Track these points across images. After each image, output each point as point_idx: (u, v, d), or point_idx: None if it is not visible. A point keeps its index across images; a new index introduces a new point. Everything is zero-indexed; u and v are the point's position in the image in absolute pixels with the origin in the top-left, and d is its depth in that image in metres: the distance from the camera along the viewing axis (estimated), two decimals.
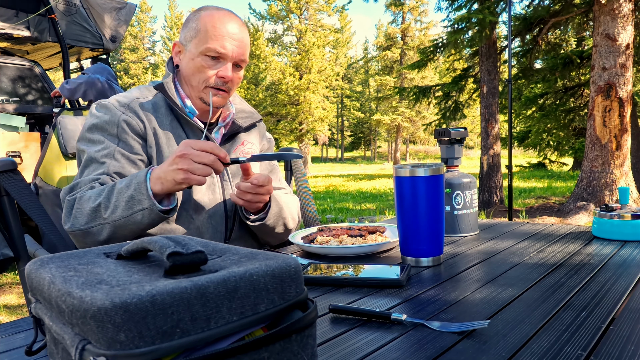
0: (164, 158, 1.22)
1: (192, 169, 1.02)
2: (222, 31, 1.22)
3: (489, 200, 7.54)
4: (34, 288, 0.46)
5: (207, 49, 1.21)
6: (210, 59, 1.23)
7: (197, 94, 1.27)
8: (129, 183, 1.07)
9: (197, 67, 1.23)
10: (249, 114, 1.43)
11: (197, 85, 1.25)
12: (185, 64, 1.27)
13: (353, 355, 0.57)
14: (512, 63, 7.11)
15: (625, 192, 1.20)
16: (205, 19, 1.23)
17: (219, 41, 1.21)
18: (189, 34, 1.26)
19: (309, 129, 24.89)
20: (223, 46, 1.22)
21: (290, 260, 0.46)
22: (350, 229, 1.20)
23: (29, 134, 3.58)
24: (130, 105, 1.23)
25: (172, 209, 1.11)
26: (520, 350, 0.56)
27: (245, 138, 1.40)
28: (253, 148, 1.42)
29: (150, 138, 1.22)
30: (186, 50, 1.27)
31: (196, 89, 1.26)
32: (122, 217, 1.06)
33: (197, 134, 1.28)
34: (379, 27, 38.69)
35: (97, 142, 1.20)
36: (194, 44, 1.24)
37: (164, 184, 1.05)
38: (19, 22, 4.73)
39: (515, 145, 14.76)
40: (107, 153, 1.18)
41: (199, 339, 0.37)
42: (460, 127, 1.32)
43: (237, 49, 1.24)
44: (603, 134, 6.02)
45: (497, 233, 1.31)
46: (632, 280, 0.82)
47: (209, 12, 1.25)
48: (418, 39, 31.09)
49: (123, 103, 1.23)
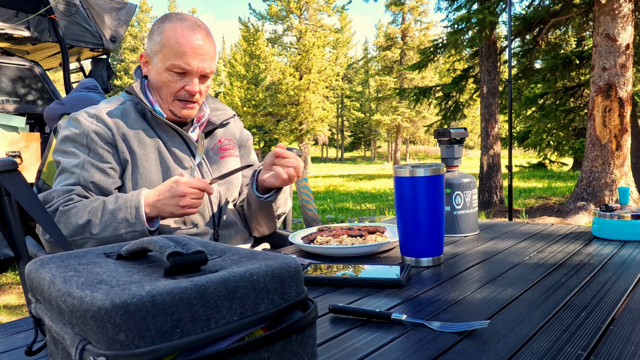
0: (138, 160, 1.24)
1: (192, 204, 1.13)
2: (185, 47, 1.21)
3: (489, 200, 7.54)
4: (34, 288, 0.46)
5: (172, 66, 1.22)
6: (176, 74, 1.24)
7: (166, 106, 1.29)
8: (122, 206, 1.13)
9: (164, 81, 1.25)
10: (222, 111, 1.45)
11: (165, 97, 1.27)
12: (153, 76, 1.28)
13: (353, 355, 0.57)
14: (512, 63, 7.11)
15: (625, 192, 1.20)
16: (168, 33, 1.23)
17: (182, 58, 1.22)
18: (154, 47, 1.26)
19: (309, 129, 24.89)
20: (187, 63, 1.22)
21: (290, 260, 0.46)
22: (350, 229, 1.20)
23: (29, 134, 3.58)
24: (98, 115, 1.25)
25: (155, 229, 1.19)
26: (520, 350, 0.56)
27: (222, 135, 1.42)
28: (230, 144, 1.43)
29: (120, 144, 1.24)
30: (152, 63, 1.27)
31: (165, 101, 1.28)
32: (111, 235, 1.13)
33: (169, 132, 1.30)
34: (379, 27, 38.68)
35: (69, 153, 1.24)
36: (159, 59, 1.25)
37: (160, 214, 1.14)
38: (19, 22, 4.73)
39: (515, 145, 14.76)
40: (78, 163, 1.21)
41: (199, 339, 0.37)
42: (460, 127, 1.32)
43: (201, 63, 1.24)
44: (603, 134, 6.02)
45: (497, 233, 1.31)
46: (632, 280, 0.82)
47: (172, 25, 1.24)
48: (418, 39, 31.09)
49: (91, 114, 1.26)
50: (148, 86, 1.33)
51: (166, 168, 1.27)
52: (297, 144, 25.53)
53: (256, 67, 26.00)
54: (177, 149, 1.29)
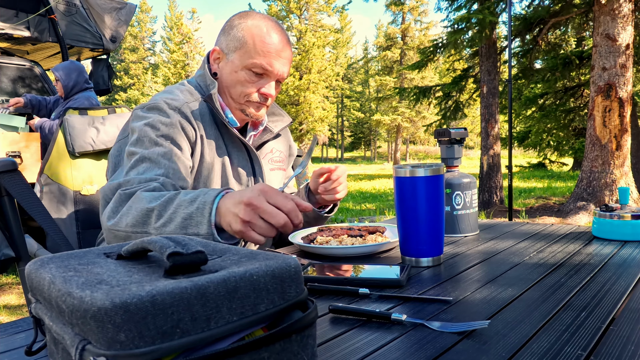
0: (203, 169, 1.18)
1: (254, 224, 0.87)
2: (269, 47, 1.16)
3: (489, 200, 7.54)
4: (34, 288, 0.46)
5: (253, 65, 1.16)
6: (254, 75, 1.18)
7: (237, 106, 1.23)
8: (194, 198, 0.94)
9: (240, 81, 1.18)
10: (279, 117, 1.38)
11: (237, 98, 1.21)
12: (227, 74, 1.21)
13: (353, 355, 0.57)
14: (512, 63, 7.10)
15: (625, 192, 1.20)
16: (252, 31, 1.16)
17: (266, 58, 1.16)
18: (232, 43, 1.19)
19: (309, 129, 24.89)
20: (270, 64, 1.16)
21: (290, 260, 0.46)
22: (350, 229, 1.20)
23: (29, 134, 3.58)
24: (182, 110, 1.16)
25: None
26: (520, 350, 0.56)
27: (274, 146, 1.37)
28: (281, 156, 1.39)
29: (197, 146, 1.17)
30: (227, 60, 1.20)
31: (236, 102, 1.22)
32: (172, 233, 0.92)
33: (236, 144, 1.25)
34: (379, 27, 38.69)
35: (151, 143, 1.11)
36: (237, 56, 1.18)
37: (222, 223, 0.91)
38: (19, 22, 4.73)
39: (515, 145, 14.76)
40: (164, 153, 1.09)
41: (199, 339, 0.37)
42: (460, 127, 1.32)
43: (282, 67, 1.19)
44: (603, 134, 6.02)
45: (497, 233, 1.31)
46: (632, 280, 0.82)
47: (256, 23, 1.18)
48: (418, 39, 31.10)
49: (173, 106, 1.16)
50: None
51: (225, 183, 1.22)
52: (298, 144, 25.54)
53: None
54: (240, 166, 1.24)
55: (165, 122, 1.12)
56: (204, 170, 1.18)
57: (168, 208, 0.94)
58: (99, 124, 1.84)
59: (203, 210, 0.90)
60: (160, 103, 1.16)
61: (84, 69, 3.86)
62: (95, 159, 1.82)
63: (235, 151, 1.25)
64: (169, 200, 0.95)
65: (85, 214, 1.71)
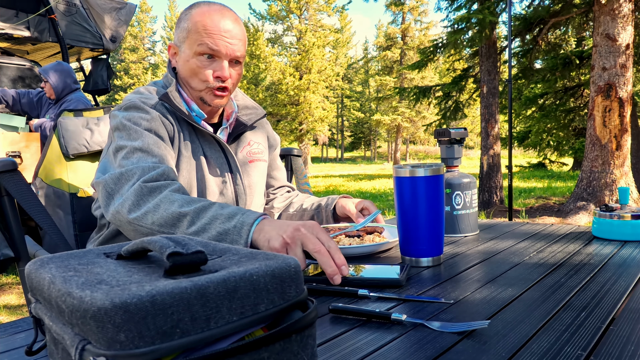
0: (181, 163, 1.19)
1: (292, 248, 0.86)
2: (213, 29, 1.17)
3: (489, 200, 7.54)
4: (34, 288, 0.46)
5: (200, 48, 1.17)
6: (205, 59, 1.19)
7: (197, 95, 1.24)
8: (232, 215, 0.94)
9: (193, 68, 1.20)
10: (253, 110, 1.39)
11: (196, 86, 1.22)
12: (182, 65, 1.23)
13: (353, 355, 0.57)
14: (512, 63, 7.11)
15: (625, 192, 1.20)
16: (195, 18, 1.19)
17: (210, 38, 1.17)
18: (181, 34, 1.22)
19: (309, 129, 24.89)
20: (216, 44, 1.17)
21: (290, 260, 0.46)
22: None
23: (29, 134, 3.57)
24: (157, 107, 1.19)
25: None
26: (520, 350, 0.56)
27: (252, 138, 1.38)
28: (260, 148, 1.39)
29: (175, 140, 1.19)
30: (180, 52, 1.23)
31: (196, 90, 1.23)
32: None
33: (207, 139, 1.26)
34: (379, 27, 38.69)
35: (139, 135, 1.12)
36: (187, 45, 1.20)
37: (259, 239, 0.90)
38: (19, 22, 4.73)
39: (515, 145, 14.76)
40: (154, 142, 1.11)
41: (199, 339, 0.37)
42: (460, 127, 1.32)
43: (231, 46, 1.19)
44: (603, 134, 6.02)
45: (497, 233, 1.31)
46: (632, 280, 0.82)
47: (199, 10, 1.20)
48: (418, 39, 31.10)
49: (149, 104, 1.19)
50: (179, 82, 1.27)
51: (201, 178, 1.22)
52: (297, 144, 25.54)
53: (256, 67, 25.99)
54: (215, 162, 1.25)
55: (146, 118, 1.15)
56: (182, 165, 1.20)
57: (202, 217, 0.95)
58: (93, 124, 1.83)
59: (241, 231, 0.91)
60: (136, 102, 1.18)
61: (72, 70, 3.86)
62: (91, 161, 1.81)
63: (209, 146, 1.26)
64: (202, 209, 0.96)
65: (82, 216, 1.70)
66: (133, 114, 1.16)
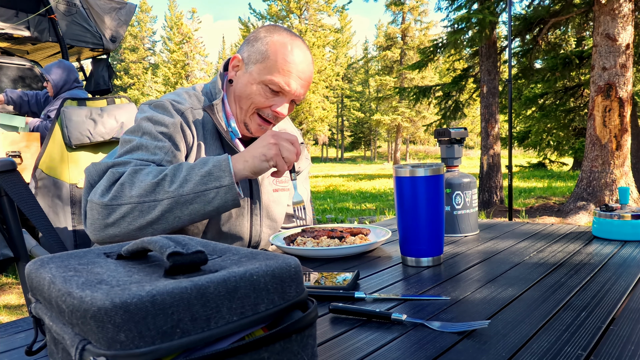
0: None
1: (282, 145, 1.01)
2: (291, 67, 1.14)
3: (489, 200, 7.54)
4: (34, 288, 0.46)
5: (271, 81, 1.13)
6: (270, 91, 1.15)
7: (242, 117, 1.20)
8: (205, 162, 1.01)
9: (253, 93, 1.16)
10: None
11: (246, 109, 1.18)
12: (242, 84, 1.18)
13: (353, 355, 0.57)
14: (512, 63, 7.11)
15: (625, 192, 1.20)
16: (276, 46, 1.14)
17: (285, 77, 1.13)
18: (254, 55, 1.16)
19: (309, 129, 24.88)
20: (288, 83, 1.14)
21: (290, 260, 0.46)
22: (333, 230, 1.18)
23: (29, 134, 3.57)
24: (185, 114, 1.16)
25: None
26: (520, 350, 0.56)
27: None
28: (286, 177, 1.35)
29: (193, 152, 1.15)
30: (246, 70, 1.18)
31: (243, 112, 1.19)
32: (191, 192, 0.97)
33: None
34: (379, 27, 38.69)
35: (150, 135, 1.11)
36: (257, 69, 1.15)
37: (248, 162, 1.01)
38: (19, 22, 4.73)
39: (515, 145, 14.75)
40: (162, 146, 1.09)
41: (199, 339, 0.37)
42: (460, 127, 1.32)
43: (300, 89, 1.17)
44: (603, 134, 6.02)
45: (497, 233, 1.31)
46: (632, 280, 0.82)
47: (281, 39, 1.16)
48: (418, 39, 31.10)
49: (178, 108, 1.16)
50: (227, 93, 1.23)
51: None
52: None
53: None
54: None
55: (167, 121, 1.12)
56: None
57: (178, 174, 0.99)
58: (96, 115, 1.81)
59: (220, 166, 0.99)
60: (166, 103, 1.16)
61: (74, 69, 3.84)
62: (93, 152, 1.80)
63: None
64: (176, 169, 1.00)
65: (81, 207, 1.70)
66: (156, 114, 1.14)
